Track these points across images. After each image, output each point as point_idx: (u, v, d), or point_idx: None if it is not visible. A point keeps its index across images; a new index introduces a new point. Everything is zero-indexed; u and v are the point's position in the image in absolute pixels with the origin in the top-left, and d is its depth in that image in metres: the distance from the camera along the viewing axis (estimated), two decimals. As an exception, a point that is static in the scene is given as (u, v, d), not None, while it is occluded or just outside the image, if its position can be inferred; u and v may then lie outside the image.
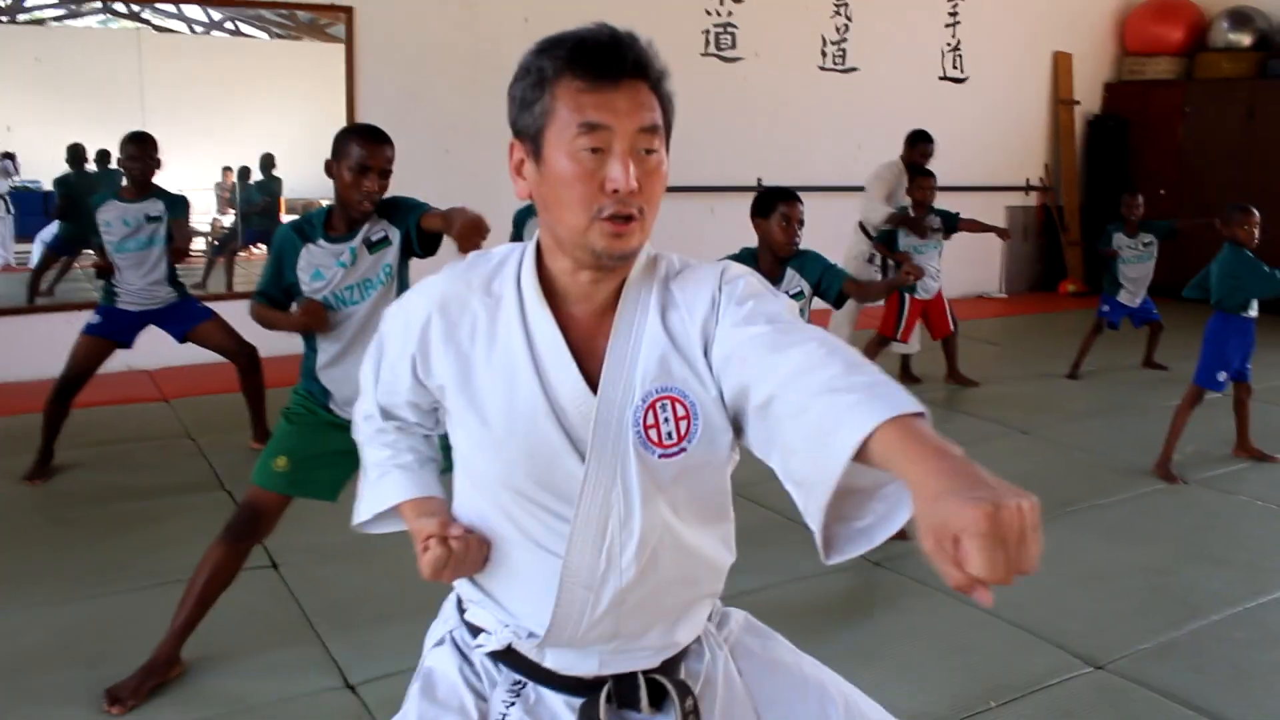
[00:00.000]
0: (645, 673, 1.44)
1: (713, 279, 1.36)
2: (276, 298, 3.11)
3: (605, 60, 1.26)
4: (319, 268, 3.03)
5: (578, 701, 1.42)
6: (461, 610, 1.51)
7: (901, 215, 6.42)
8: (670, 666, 1.46)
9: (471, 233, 2.93)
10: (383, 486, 1.52)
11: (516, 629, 1.42)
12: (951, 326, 6.67)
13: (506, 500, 1.37)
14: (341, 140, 3.03)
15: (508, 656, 1.45)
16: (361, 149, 2.97)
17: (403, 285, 3.13)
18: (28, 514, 4.34)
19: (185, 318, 4.93)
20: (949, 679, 3.11)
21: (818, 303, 4.10)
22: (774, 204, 3.88)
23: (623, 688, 1.43)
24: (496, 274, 1.40)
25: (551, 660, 1.42)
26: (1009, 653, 3.27)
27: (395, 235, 3.11)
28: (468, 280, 1.40)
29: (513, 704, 1.43)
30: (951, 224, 6.46)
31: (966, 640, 3.35)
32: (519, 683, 1.44)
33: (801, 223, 3.89)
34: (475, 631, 1.47)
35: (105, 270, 4.75)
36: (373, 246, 3.07)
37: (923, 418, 1.07)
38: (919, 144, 6.72)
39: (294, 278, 3.04)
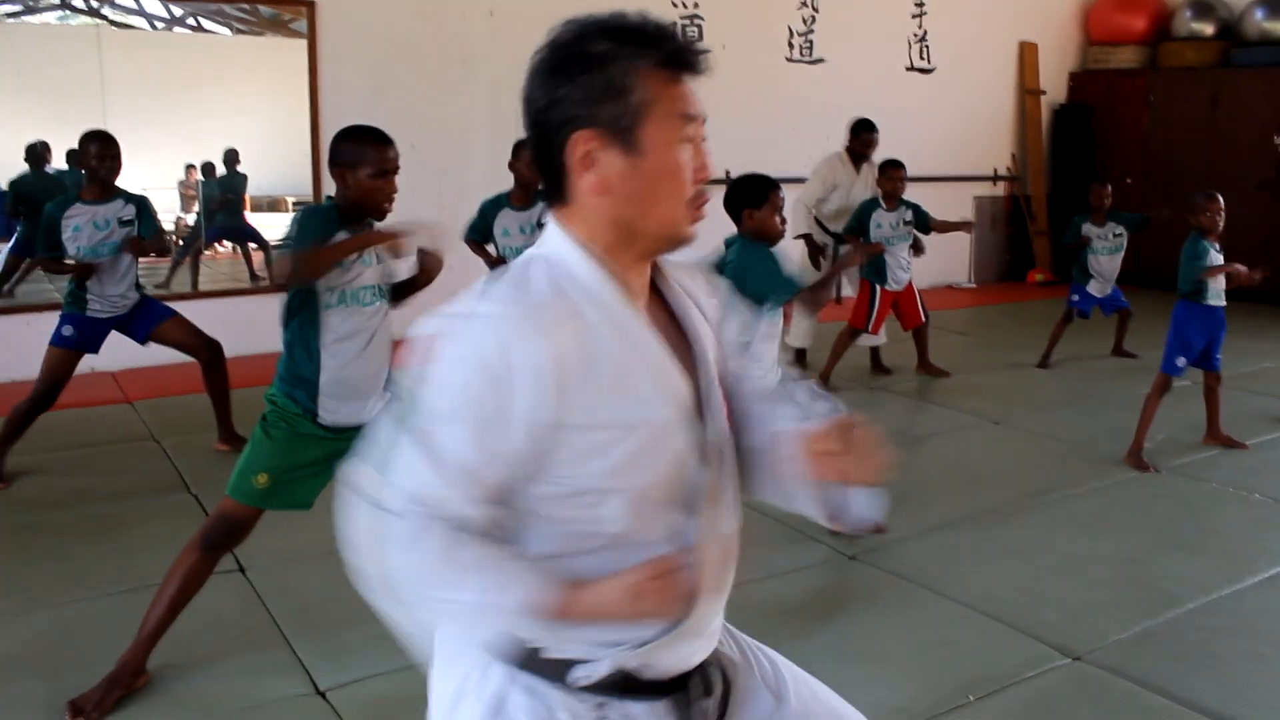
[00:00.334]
0: (711, 659, 1.46)
1: (715, 287, 1.49)
2: None
3: (692, 55, 1.30)
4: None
5: (660, 705, 1.38)
6: (522, 657, 1.35)
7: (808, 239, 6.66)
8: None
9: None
10: (521, 590, 1.26)
11: (623, 642, 1.33)
12: (923, 317, 6.66)
13: (645, 512, 1.31)
14: (349, 146, 3.00)
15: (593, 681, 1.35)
16: (377, 153, 2.98)
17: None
18: (-12, 521, 4.25)
19: (147, 319, 4.84)
20: (927, 673, 3.09)
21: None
22: (767, 193, 3.76)
23: (705, 675, 1.44)
24: (561, 297, 1.26)
25: (658, 664, 1.36)
26: (986, 645, 3.26)
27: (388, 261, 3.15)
28: (546, 305, 1.25)
29: None
30: (923, 221, 6.46)
31: (944, 633, 3.34)
32: (601, 704, 1.35)
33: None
34: (558, 669, 1.34)
35: (85, 271, 4.60)
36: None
37: None
38: (862, 133, 6.74)
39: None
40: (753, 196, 3.77)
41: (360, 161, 2.96)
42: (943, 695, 2.97)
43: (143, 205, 4.75)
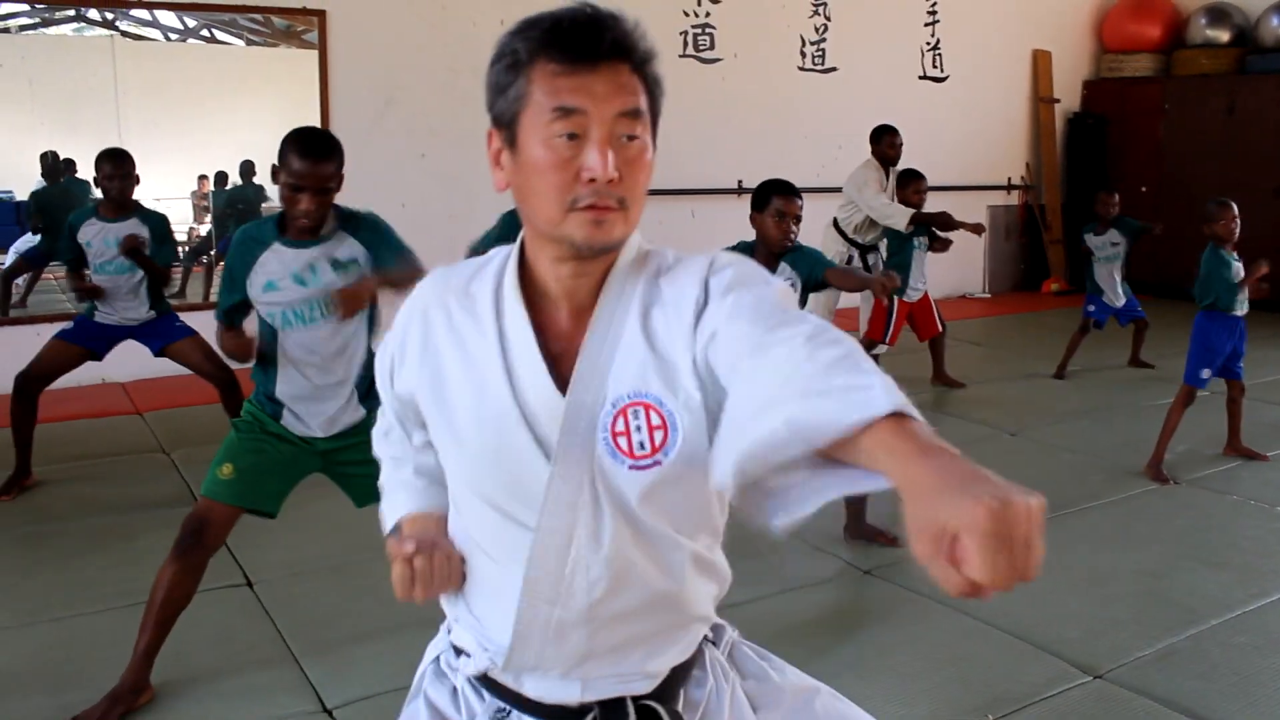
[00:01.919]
0: (636, 699, 1.34)
1: (700, 271, 1.25)
2: (238, 315, 2.97)
3: (583, 40, 1.18)
4: (272, 278, 2.85)
5: None
6: (450, 629, 1.43)
7: (931, 216, 6.32)
8: (666, 693, 1.36)
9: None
10: (390, 503, 1.50)
11: (495, 652, 1.32)
12: (940, 327, 6.59)
13: (480, 510, 1.31)
14: (281, 149, 2.77)
15: (491, 682, 1.36)
16: (296, 164, 2.71)
17: (372, 311, 3.01)
18: (-6, 533, 4.22)
19: (163, 334, 4.79)
20: (945, 690, 3.03)
21: (812, 301, 4.01)
22: (769, 197, 3.77)
23: (610, 715, 1.33)
24: (477, 274, 1.33)
25: (530, 687, 1.33)
26: (1006, 662, 3.19)
27: (365, 261, 2.91)
28: (446, 282, 1.34)
29: None
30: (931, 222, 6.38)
31: (962, 650, 3.27)
32: (503, 710, 1.34)
33: (798, 219, 3.79)
34: (458, 653, 1.39)
35: (91, 293, 4.58)
36: (337, 265, 2.88)
37: (909, 419, 0.96)
38: (886, 136, 6.61)
39: (243, 291, 2.87)
40: (757, 201, 3.82)
41: (283, 167, 2.75)
42: (960, 713, 2.91)
43: (158, 227, 4.70)
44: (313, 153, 2.75)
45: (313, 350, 2.93)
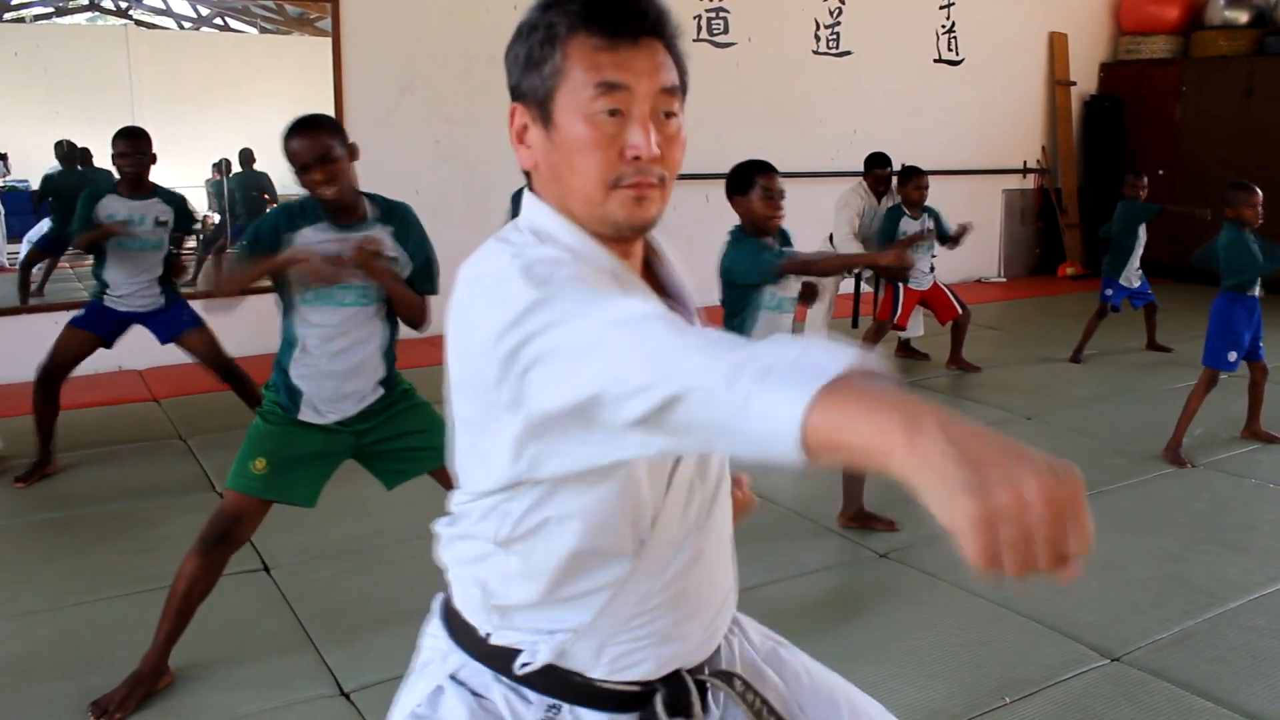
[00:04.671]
0: (690, 671, 1.32)
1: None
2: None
3: (623, 15, 1.16)
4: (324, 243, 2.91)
5: (622, 718, 1.28)
6: (474, 644, 1.32)
7: (881, 266, 6.36)
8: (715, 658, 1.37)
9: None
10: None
11: (569, 629, 1.26)
12: (960, 309, 6.56)
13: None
14: (283, 144, 2.90)
15: (543, 677, 1.27)
16: (293, 146, 2.84)
17: (391, 316, 3.03)
18: (15, 517, 4.25)
19: (171, 325, 4.81)
20: (961, 673, 3.03)
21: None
22: (752, 177, 3.69)
23: (674, 691, 1.29)
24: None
25: (604, 664, 1.26)
26: (1022, 646, 3.18)
27: (406, 264, 3.00)
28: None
29: None
30: (944, 231, 6.38)
31: (978, 633, 3.27)
32: (553, 706, 1.28)
33: (783, 194, 3.69)
34: (504, 658, 1.29)
35: (105, 233, 4.51)
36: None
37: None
38: (875, 169, 6.63)
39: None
40: (740, 184, 3.72)
41: (289, 160, 2.88)
42: (977, 696, 2.91)
43: (180, 207, 4.79)
44: (303, 127, 2.85)
45: (332, 334, 2.94)
